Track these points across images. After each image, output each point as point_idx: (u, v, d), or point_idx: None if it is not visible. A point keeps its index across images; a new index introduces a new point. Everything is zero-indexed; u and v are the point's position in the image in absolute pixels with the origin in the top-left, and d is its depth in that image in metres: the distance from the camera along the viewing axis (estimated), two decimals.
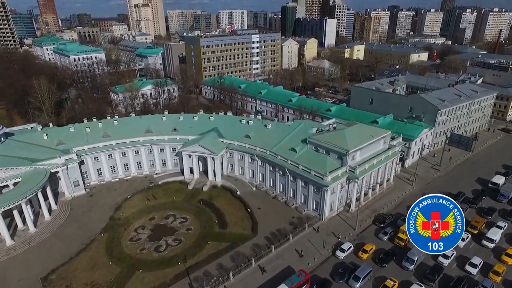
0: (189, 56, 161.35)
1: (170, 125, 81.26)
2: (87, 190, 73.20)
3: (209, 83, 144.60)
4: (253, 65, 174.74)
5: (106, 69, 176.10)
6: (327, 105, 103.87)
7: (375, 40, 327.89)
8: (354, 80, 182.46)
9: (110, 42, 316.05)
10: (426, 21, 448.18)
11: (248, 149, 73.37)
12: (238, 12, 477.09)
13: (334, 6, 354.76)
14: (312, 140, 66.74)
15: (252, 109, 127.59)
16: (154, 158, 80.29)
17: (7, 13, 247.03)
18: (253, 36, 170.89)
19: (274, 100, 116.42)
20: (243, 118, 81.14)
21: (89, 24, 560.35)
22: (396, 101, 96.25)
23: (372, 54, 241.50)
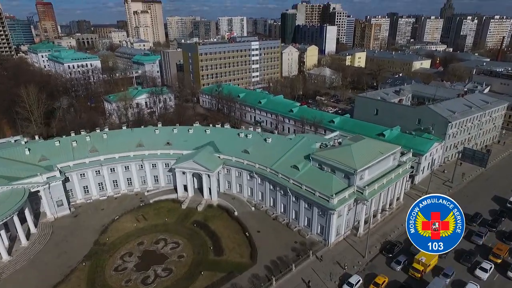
0: (187, 63, 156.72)
1: (163, 139, 75.94)
2: (72, 210, 67.53)
3: (206, 91, 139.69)
4: (252, 73, 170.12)
5: (102, 76, 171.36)
6: (330, 116, 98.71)
7: (376, 47, 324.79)
8: (356, 88, 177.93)
9: (108, 48, 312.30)
10: (426, 28, 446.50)
11: (247, 165, 67.93)
12: (238, 19, 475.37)
13: (334, 13, 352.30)
14: (316, 157, 61.36)
15: (251, 119, 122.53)
16: (146, 174, 74.79)
17: (3, 19, 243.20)
18: (253, 43, 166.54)
19: (274, 110, 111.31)
20: (241, 131, 75.88)
21: (89, 31, 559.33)
22: (403, 112, 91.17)
23: (374, 62, 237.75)
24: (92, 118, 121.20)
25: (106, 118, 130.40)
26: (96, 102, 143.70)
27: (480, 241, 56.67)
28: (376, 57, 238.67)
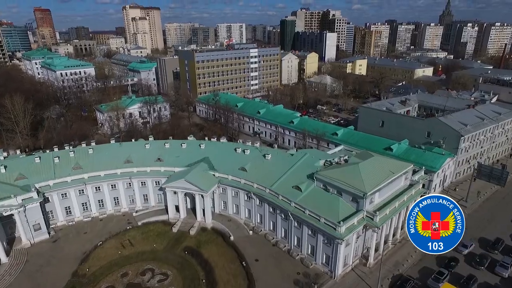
0: (183, 71, 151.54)
1: (154, 154, 70.05)
2: (51, 234, 61.28)
3: (203, 100, 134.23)
4: (251, 81, 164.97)
5: (96, 84, 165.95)
6: (333, 128, 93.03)
7: (376, 54, 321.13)
8: (358, 97, 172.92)
9: (105, 55, 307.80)
10: (426, 35, 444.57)
11: (244, 185, 61.99)
12: (237, 26, 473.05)
13: (334, 20, 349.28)
14: (320, 177, 55.50)
15: (249, 130, 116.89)
16: (134, 193, 68.74)
17: None
18: (251, 50, 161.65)
19: (273, 121, 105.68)
20: (238, 146, 70.04)
21: (87, 37, 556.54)
22: (411, 124, 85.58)
23: (375, 69, 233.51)
24: (83, 128, 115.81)
25: (98, 129, 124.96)
26: (88, 112, 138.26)
27: (506, 273, 50.59)
28: (377, 65, 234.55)
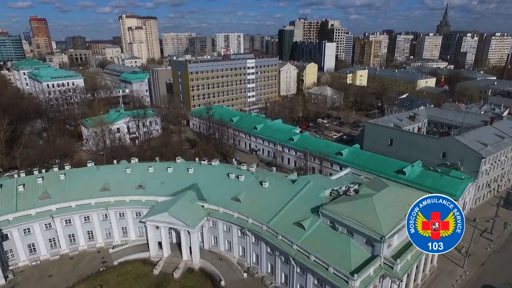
0: (176, 83, 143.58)
1: (135, 180, 61.30)
2: (8, 279, 51.95)
3: (196, 114, 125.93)
4: (248, 93, 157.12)
5: (85, 96, 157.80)
6: (336, 147, 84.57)
7: (376, 64, 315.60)
8: (360, 109, 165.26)
9: (99, 65, 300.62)
10: (425, 45, 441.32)
11: (237, 219, 53.15)
12: (234, 36, 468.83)
13: (332, 29, 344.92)
14: (326, 213, 46.83)
15: (246, 147, 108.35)
16: (112, 225, 59.71)
17: None
18: (248, 61, 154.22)
19: (271, 138, 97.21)
20: (231, 171, 61.35)
21: (83, 47, 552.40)
22: (424, 143, 77.36)
23: (376, 80, 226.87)
24: (66, 144, 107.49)
25: (83, 144, 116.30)
26: (74, 125, 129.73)
27: None
28: (378, 75, 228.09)
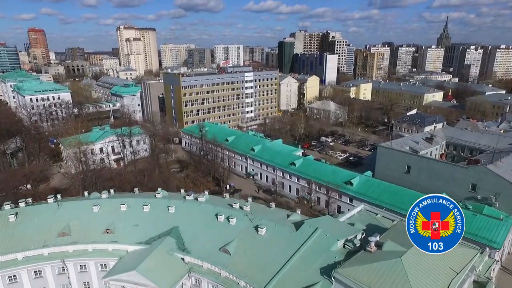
0: (169, 97, 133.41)
1: (103, 221, 50.08)
2: None
3: (188, 132, 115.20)
4: (246, 108, 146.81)
5: (70, 111, 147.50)
6: (345, 174, 73.28)
7: (379, 77, 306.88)
8: (366, 125, 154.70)
9: (93, 77, 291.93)
10: (427, 58, 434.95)
11: (225, 279, 41.60)
12: (234, 47, 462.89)
13: (334, 41, 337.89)
14: (342, 278, 35.37)
15: (242, 170, 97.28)
16: (70, 281, 48.08)
17: None
18: (246, 74, 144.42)
19: (271, 162, 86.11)
20: (220, 212, 50.09)
21: (82, 58, 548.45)
22: (448, 173, 66.31)
23: (380, 93, 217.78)
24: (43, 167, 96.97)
25: (62, 166, 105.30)
26: (55, 144, 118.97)
27: None
28: (382, 89, 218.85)
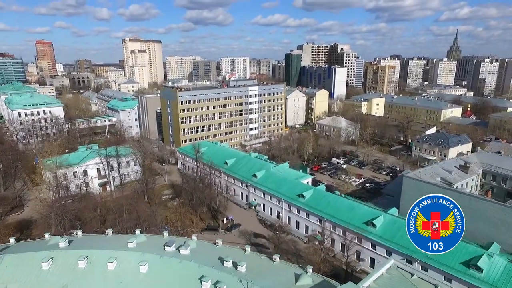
0: (165, 113, 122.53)
1: (53, 284, 37.94)
2: None
3: (184, 152, 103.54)
4: (249, 125, 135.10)
5: (64, 127, 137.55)
6: (365, 212, 59.99)
7: (390, 90, 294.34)
8: (381, 144, 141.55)
9: (95, 89, 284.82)
10: (439, 70, 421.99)
11: None
12: (240, 60, 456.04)
13: (342, 53, 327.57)
14: None
15: (243, 199, 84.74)
16: None
17: None
18: (250, 88, 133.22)
19: (275, 192, 73.40)
20: (208, 273, 37.63)
21: (89, 70, 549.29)
22: (498, 215, 52.88)
23: (393, 108, 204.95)
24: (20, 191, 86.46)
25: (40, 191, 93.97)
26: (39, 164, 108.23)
27: None
28: (395, 104, 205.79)
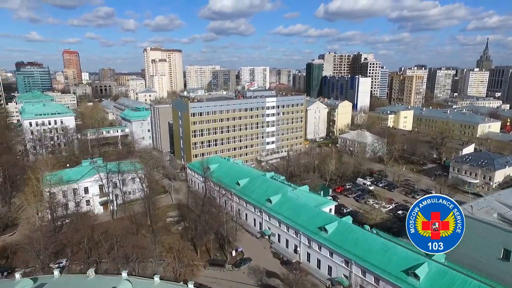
0: (177, 125, 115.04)
1: None
2: None
3: (194, 168, 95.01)
4: (266, 139, 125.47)
5: (75, 137, 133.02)
6: (403, 256, 48.21)
7: (417, 102, 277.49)
8: (412, 163, 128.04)
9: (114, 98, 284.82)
10: (470, 81, 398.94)
11: None
12: (260, 69, 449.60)
13: (366, 63, 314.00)
14: None
15: (255, 226, 74.68)
16: None
17: None
18: (268, 99, 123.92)
19: (292, 223, 62.89)
20: None
21: (112, 78, 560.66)
22: None
23: (422, 122, 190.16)
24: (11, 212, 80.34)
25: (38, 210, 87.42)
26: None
27: None
28: (425, 116, 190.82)
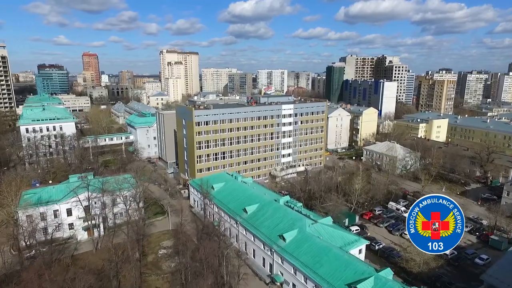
0: (181, 135, 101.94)
1: None
2: None
3: (196, 186, 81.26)
4: (282, 151, 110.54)
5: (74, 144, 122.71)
6: None
7: (448, 109, 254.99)
8: (450, 181, 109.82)
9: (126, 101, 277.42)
10: (504, 86, 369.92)
11: None
12: (278, 72, 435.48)
13: (391, 66, 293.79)
14: None
15: (264, 266, 59.84)
16: None
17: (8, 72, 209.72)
18: (284, 106, 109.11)
19: (313, 275, 47.59)
20: None
21: (130, 81, 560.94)
22: None
23: (457, 132, 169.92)
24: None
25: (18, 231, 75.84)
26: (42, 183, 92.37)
27: None
28: (460, 126, 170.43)
